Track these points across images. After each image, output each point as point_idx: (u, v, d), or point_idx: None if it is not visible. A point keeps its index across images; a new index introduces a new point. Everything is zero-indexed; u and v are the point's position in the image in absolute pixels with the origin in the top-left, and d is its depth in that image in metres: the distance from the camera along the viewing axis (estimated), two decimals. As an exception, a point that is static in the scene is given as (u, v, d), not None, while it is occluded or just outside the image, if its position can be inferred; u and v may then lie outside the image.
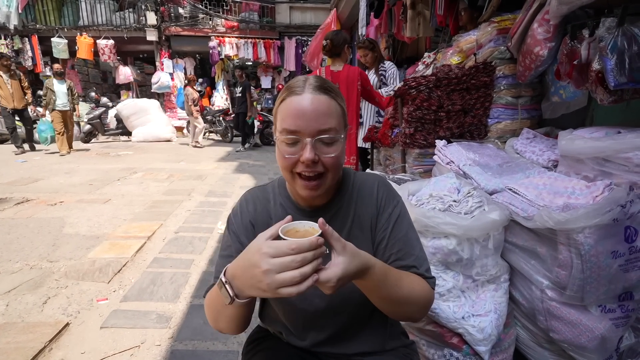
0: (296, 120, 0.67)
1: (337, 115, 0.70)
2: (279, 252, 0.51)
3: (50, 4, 10.19)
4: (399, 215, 0.77)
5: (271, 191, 0.83)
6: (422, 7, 3.31)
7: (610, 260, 1.07)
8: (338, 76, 2.61)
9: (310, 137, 0.66)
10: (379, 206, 0.78)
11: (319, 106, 0.68)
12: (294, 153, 0.68)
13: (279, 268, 0.51)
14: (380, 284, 0.63)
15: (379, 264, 0.63)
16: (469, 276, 1.30)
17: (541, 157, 1.65)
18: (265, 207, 0.80)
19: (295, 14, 11.03)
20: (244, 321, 0.69)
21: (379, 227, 0.77)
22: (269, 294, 0.52)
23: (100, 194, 3.94)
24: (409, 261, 0.73)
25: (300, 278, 0.50)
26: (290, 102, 0.69)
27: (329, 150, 0.68)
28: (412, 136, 2.17)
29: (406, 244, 0.75)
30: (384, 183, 0.81)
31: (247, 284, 0.55)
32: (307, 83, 0.70)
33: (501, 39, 2.02)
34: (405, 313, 0.71)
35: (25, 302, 1.87)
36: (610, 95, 1.32)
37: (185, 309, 1.87)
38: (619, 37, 1.21)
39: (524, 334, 1.37)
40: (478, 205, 1.32)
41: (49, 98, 6.52)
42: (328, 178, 0.70)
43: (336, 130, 0.69)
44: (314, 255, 0.52)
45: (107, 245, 2.59)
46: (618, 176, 1.20)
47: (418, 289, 0.70)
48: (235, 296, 0.58)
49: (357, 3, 5.45)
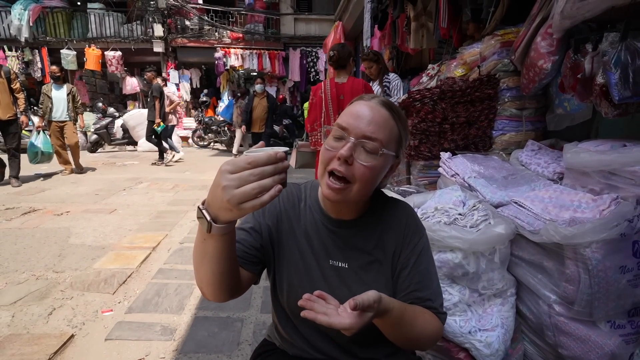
0: (350, 119, 0.70)
1: (390, 134, 0.71)
2: (237, 167, 0.50)
3: (61, 16, 10.44)
4: (424, 248, 0.79)
5: (304, 191, 0.84)
6: (426, 19, 3.36)
7: (618, 275, 1.06)
8: (343, 88, 2.66)
9: (355, 137, 0.68)
10: (405, 236, 0.79)
11: (376, 115, 0.70)
12: (335, 148, 0.69)
13: (238, 183, 0.49)
14: (396, 323, 0.66)
15: (397, 305, 0.66)
16: (475, 290, 1.29)
17: (546, 170, 1.65)
18: (295, 204, 0.82)
19: (300, 25, 11.19)
20: (225, 268, 0.63)
21: (403, 255, 0.78)
22: (236, 212, 0.51)
23: (105, 204, 3.98)
24: (426, 294, 0.76)
25: (259, 189, 0.49)
26: (354, 105, 0.73)
27: (367, 159, 0.68)
28: (416, 148, 2.17)
29: (426, 276, 0.77)
30: (413, 215, 0.83)
31: (217, 205, 0.53)
32: (376, 97, 0.74)
33: (505, 52, 2.04)
34: (414, 346, 0.75)
35: (30, 313, 1.88)
36: (614, 108, 1.33)
37: (190, 321, 1.86)
38: (622, 52, 1.22)
39: (532, 349, 1.35)
40: (484, 219, 1.32)
41: (45, 106, 5.24)
42: (353, 189, 0.69)
43: (382, 143, 0.69)
44: (274, 170, 0.50)
45: (112, 255, 2.60)
46: (624, 189, 1.19)
47: (429, 327, 0.73)
48: (213, 221, 0.55)
49: (361, 15, 5.53)
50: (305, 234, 0.80)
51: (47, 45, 10.37)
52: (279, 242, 0.80)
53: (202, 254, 0.62)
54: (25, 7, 9.83)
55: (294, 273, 0.79)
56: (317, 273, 0.78)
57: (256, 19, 11.03)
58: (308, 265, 0.78)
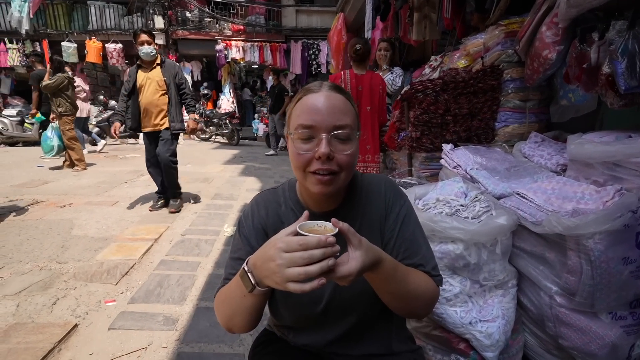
0: (312, 115, 0.68)
1: (351, 115, 0.71)
2: (290, 247, 0.54)
3: (61, 8, 10.37)
4: (406, 215, 0.79)
5: (282, 194, 0.83)
6: (429, 10, 3.30)
7: (621, 266, 1.06)
8: (362, 79, 2.76)
9: (326, 132, 0.67)
10: (387, 206, 0.79)
11: (336, 102, 0.69)
12: (308, 150, 0.68)
13: (288, 263, 0.53)
14: (389, 278, 0.65)
15: (388, 258, 0.65)
16: (476, 281, 1.29)
17: (549, 161, 1.63)
18: (276, 211, 0.81)
19: (302, 17, 11.08)
20: (258, 315, 0.71)
21: (387, 227, 0.78)
22: (281, 287, 0.55)
23: (108, 196, 3.99)
24: (415, 260, 0.75)
25: (304, 275, 0.52)
26: (307, 99, 0.70)
27: (345, 147, 0.68)
28: (418, 140, 2.16)
29: (413, 242, 0.77)
30: (390, 183, 0.82)
31: (265, 274, 0.58)
32: (322, 84, 0.73)
33: (509, 42, 2.01)
34: (410, 308, 0.73)
35: (35, 302, 1.90)
36: (620, 99, 1.31)
37: (192, 311, 1.88)
38: (630, 40, 1.19)
39: (532, 340, 1.35)
40: (485, 210, 1.31)
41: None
42: (341, 177, 0.70)
43: (351, 127, 0.70)
44: (322, 254, 0.53)
45: (114, 247, 2.62)
46: (629, 181, 1.18)
47: (424, 285, 0.72)
48: (256, 284, 0.61)
49: (363, 6, 5.46)
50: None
51: (47, 37, 10.32)
52: None
53: (239, 308, 0.69)
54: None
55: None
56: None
57: (257, 11, 10.92)
58: None
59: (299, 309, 0.78)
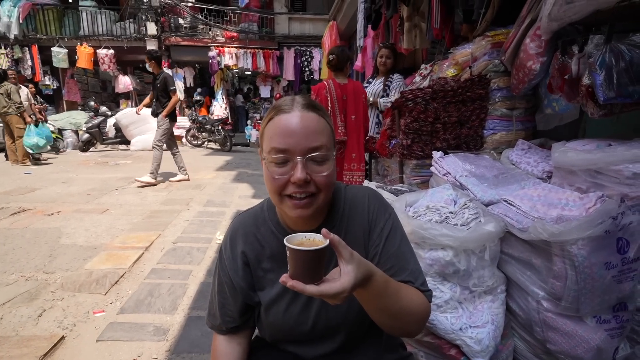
0: (285, 139, 0.65)
1: (326, 134, 0.69)
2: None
3: (52, 14, 10.30)
4: (391, 229, 0.75)
5: (260, 215, 0.81)
6: (419, 19, 3.38)
7: (603, 271, 1.09)
8: (345, 88, 2.78)
9: (301, 155, 0.64)
10: (370, 220, 0.76)
11: (309, 123, 0.66)
12: (283, 174, 0.66)
13: None
14: (381, 293, 0.62)
15: (379, 272, 0.62)
16: (465, 287, 1.30)
17: (536, 168, 1.68)
18: (255, 235, 0.79)
19: (294, 24, 11.20)
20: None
21: (371, 242, 0.75)
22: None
23: (97, 203, 3.94)
24: (403, 276, 0.72)
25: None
26: (278, 120, 0.67)
27: (321, 169, 0.66)
28: (409, 147, 2.19)
29: (399, 258, 0.74)
30: (374, 196, 0.80)
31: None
32: (295, 102, 0.69)
33: (495, 53, 2.07)
34: (402, 326, 0.69)
35: (20, 314, 1.85)
36: (600, 109, 1.36)
37: (183, 321, 1.86)
38: (607, 54, 1.24)
39: (521, 345, 1.37)
40: (474, 217, 1.34)
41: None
42: (320, 198, 0.68)
43: (327, 148, 0.67)
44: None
45: (104, 256, 2.58)
46: (609, 188, 1.22)
47: (416, 300, 0.69)
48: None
49: (355, 15, 5.55)
50: (271, 257, 0.78)
51: (37, 42, 10.22)
52: (252, 284, 0.79)
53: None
54: (15, 4, 9.68)
55: (269, 300, 0.77)
56: (292, 292, 0.73)
57: (250, 18, 11.00)
58: (281, 288, 0.75)
59: (287, 330, 0.78)
